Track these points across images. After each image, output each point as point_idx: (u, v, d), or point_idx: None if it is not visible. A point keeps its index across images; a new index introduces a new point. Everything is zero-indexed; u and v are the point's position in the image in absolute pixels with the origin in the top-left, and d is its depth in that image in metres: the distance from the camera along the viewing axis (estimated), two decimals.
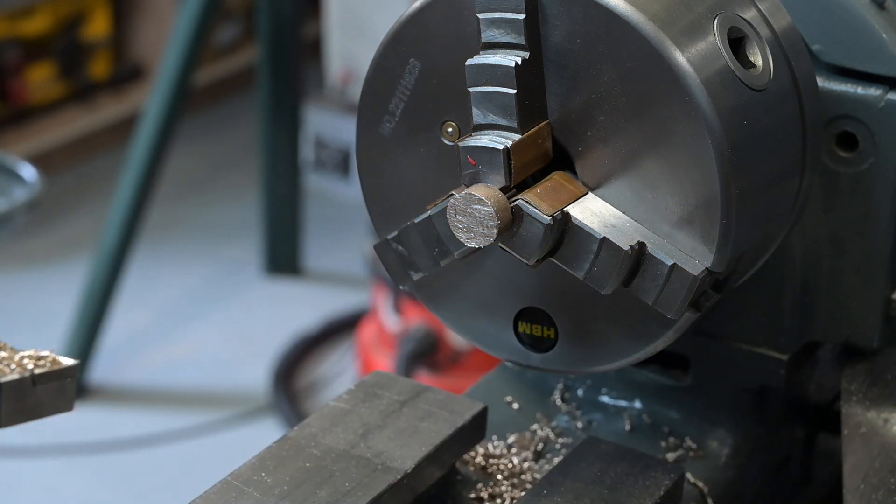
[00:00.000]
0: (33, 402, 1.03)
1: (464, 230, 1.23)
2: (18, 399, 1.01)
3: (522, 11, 1.23)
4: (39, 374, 1.02)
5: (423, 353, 4.00)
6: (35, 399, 1.02)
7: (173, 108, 4.49)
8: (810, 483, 1.64)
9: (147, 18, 6.11)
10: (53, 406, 1.03)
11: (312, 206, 5.36)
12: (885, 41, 1.36)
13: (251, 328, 4.83)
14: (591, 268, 1.24)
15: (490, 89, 1.25)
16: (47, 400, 1.03)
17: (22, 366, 1.02)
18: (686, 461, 1.47)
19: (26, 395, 1.02)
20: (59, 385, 1.04)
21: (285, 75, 4.89)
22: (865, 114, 1.37)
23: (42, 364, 1.03)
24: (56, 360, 1.04)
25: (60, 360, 1.04)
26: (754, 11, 1.29)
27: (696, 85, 1.20)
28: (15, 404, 1.01)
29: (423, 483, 1.34)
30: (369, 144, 1.36)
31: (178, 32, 4.51)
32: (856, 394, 1.46)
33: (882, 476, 1.42)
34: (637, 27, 1.21)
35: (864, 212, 1.40)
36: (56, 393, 1.04)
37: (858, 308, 1.43)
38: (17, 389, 1.01)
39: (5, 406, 1.01)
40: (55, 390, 1.03)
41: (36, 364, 1.03)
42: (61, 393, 1.04)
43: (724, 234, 1.23)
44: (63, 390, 1.04)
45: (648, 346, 1.31)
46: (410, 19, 1.30)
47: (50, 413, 1.04)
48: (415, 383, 1.44)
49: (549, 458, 1.47)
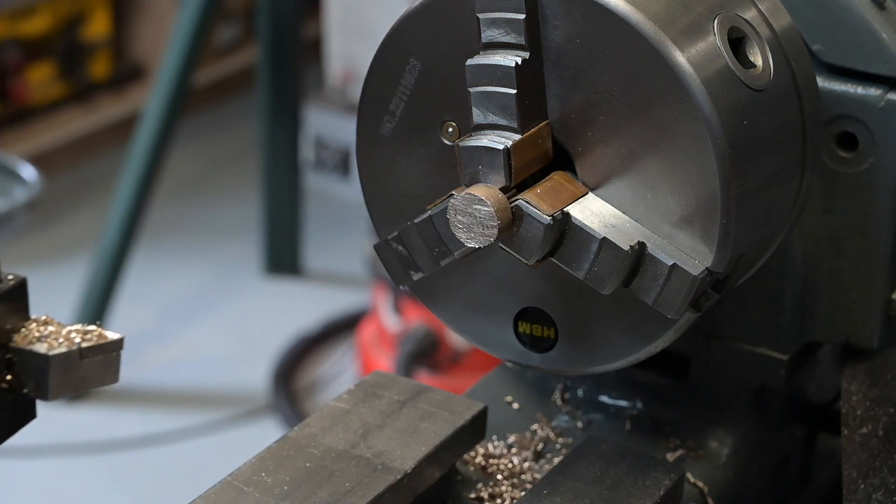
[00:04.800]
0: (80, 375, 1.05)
1: (464, 230, 1.23)
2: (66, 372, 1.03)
3: (522, 11, 1.23)
4: (86, 348, 1.04)
5: (423, 353, 4.00)
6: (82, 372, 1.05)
7: (173, 108, 4.49)
8: (810, 483, 1.64)
9: (147, 18, 6.11)
10: (99, 379, 1.06)
11: (312, 206, 5.35)
12: (885, 41, 1.36)
13: (251, 328, 4.83)
14: (591, 268, 1.24)
15: (490, 89, 1.25)
16: (93, 373, 1.05)
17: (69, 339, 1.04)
18: (686, 461, 1.47)
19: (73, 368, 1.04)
20: (104, 358, 1.05)
21: (285, 75, 4.88)
22: (865, 114, 1.37)
23: (89, 338, 1.05)
24: (102, 334, 1.06)
25: (106, 334, 1.06)
26: (754, 11, 1.29)
27: (696, 85, 1.20)
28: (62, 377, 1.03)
29: (423, 483, 1.34)
30: (369, 144, 1.36)
31: (178, 32, 4.51)
32: (856, 394, 1.46)
33: (882, 476, 1.42)
34: (637, 27, 1.21)
35: (864, 212, 1.40)
36: (102, 366, 1.06)
37: (858, 308, 1.43)
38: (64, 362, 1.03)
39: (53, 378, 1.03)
40: (101, 363, 1.05)
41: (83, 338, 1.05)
42: (107, 366, 1.06)
43: (724, 234, 1.23)
44: (109, 363, 1.06)
45: (648, 346, 1.31)
46: (410, 19, 1.30)
47: (96, 385, 1.05)
48: (415, 383, 1.44)
49: (549, 458, 1.47)
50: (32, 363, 1.03)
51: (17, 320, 1.04)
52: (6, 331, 1.03)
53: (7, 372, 1.04)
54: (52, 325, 1.05)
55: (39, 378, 1.03)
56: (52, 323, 1.05)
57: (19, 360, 1.03)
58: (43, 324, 1.05)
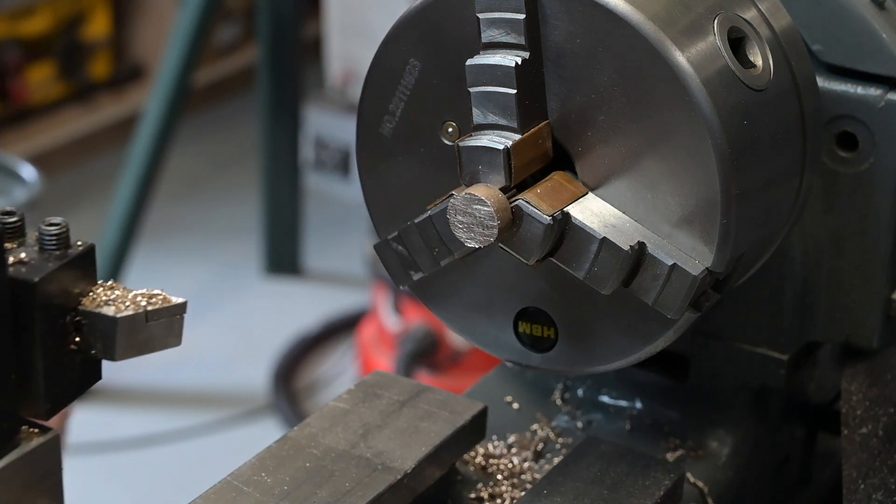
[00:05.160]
0: (145, 337, 1.09)
1: (464, 230, 1.23)
2: (132, 334, 1.08)
3: (522, 11, 1.23)
4: (152, 311, 1.08)
5: (423, 353, 4.00)
6: (147, 334, 1.09)
7: (173, 108, 4.48)
8: (810, 483, 1.64)
9: (147, 18, 6.11)
10: (163, 341, 1.10)
11: (312, 206, 5.35)
12: (885, 41, 1.36)
13: (251, 328, 4.83)
14: (591, 268, 1.24)
15: (490, 89, 1.25)
16: (158, 335, 1.09)
17: (136, 303, 1.08)
18: (686, 461, 1.47)
19: (139, 330, 1.08)
20: (168, 322, 1.09)
21: (285, 75, 4.88)
22: (865, 114, 1.37)
23: (154, 302, 1.09)
24: (166, 298, 1.09)
25: (171, 298, 1.10)
26: (754, 11, 1.29)
27: (696, 85, 1.20)
28: (129, 339, 1.07)
29: (423, 483, 1.34)
30: (369, 145, 1.36)
31: (178, 32, 4.51)
32: (856, 394, 1.46)
33: (882, 476, 1.42)
34: (637, 27, 1.21)
35: (864, 212, 1.40)
36: (166, 329, 1.10)
37: (858, 308, 1.43)
38: (131, 324, 1.07)
39: (120, 340, 1.07)
40: (165, 326, 1.09)
41: (148, 301, 1.09)
42: (171, 329, 1.10)
43: (724, 233, 1.23)
44: (172, 326, 1.10)
45: (649, 345, 1.31)
46: (410, 19, 1.30)
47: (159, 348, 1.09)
48: (415, 383, 1.44)
49: (549, 458, 1.47)
50: (100, 325, 1.07)
51: (86, 285, 1.08)
52: (75, 294, 1.07)
53: (76, 334, 1.07)
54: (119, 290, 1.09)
55: (107, 340, 1.07)
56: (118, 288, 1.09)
57: (88, 323, 1.07)
58: (109, 288, 1.09)
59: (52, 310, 1.06)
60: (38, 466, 1.09)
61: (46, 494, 1.10)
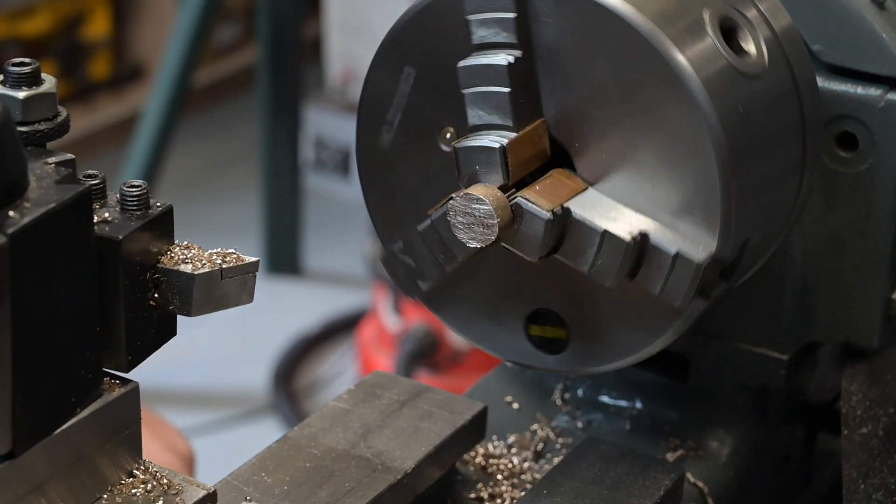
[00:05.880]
0: (220, 294, 1.13)
1: (465, 230, 1.23)
2: (208, 290, 1.12)
3: (513, 10, 1.23)
4: (226, 268, 1.12)
5: (423, 353, 4.00)
6: (222, 291, 1.13)
7: (173, 108, 4.48)
8: (810, 483, 1.64)
9: (147, 18, 6.11)
10: (236, 298, 1.14)
11: (312, 206, 5.35)
12: (885, 41, 1.36)
13: (251, 328, 4.83)
14: (594, 261, 1.24)
15: (484, 89, 1.25)
16: (232, 292, 1.14)
17: (211, 261, 1.12)
18: (686, 461, 1.47)
19: (215, 287, 1.12)
20: (242, 279, 1.14)
21: (285, 75, 4.88)
22: (865, 114, 1.37)
23: (229, 260, 1.13)
24: (240, 257, 1.14)
25: (244, 257, 1.14)
26: (754, 11, 1.29)
27: (690, 73, 1.20)
28: (205, 295, 1.12)
29: (423, 483, 1.34)
30: (369, 155, 1.36)
31: (178, 32, 4.50)
32: (856, 394, 1.45)
33: (882, 476, 1.42)
34: (629, 20, 1.21)
35: (864, 212, 1.40)
36: (239, 286, 1.14)
37: (858, 308, 1.43)
38: (207, 281, 1.12)
39: (197, 296, 1.12)
40: (239, 284, 1.14)
41: (223, 260, 1.13)
42: (244, 286, 1.14)
43: (726, 219, 1.22)
44: (245, 284, 1.14)
45: (659, 338, 1.30)
46: (403, 27, 1.30)
47: (233, 304, 1.14)
48: (415, 383, 1.44)
49: (549, 458, 1.47)
50: (178, 282, 1.11)
51: (164, 244, 1.12)
52: (154, 253, 1.12)
53: (155, 291, 1.12)
54: (194, 249, 1.13)
55: (184, 296, 1.12)
56: (194, 247, 1.14)
57: (166, 280, 1.12)
58: (185, 248, 1.14)
59: (133, 267, 1.10)
60: (119, 416, 1.13)
61: (125, 443, 1.14)
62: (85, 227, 1.06)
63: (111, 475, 1.13)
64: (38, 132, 1.16)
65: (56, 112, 1.19)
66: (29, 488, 1.06)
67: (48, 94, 1.17)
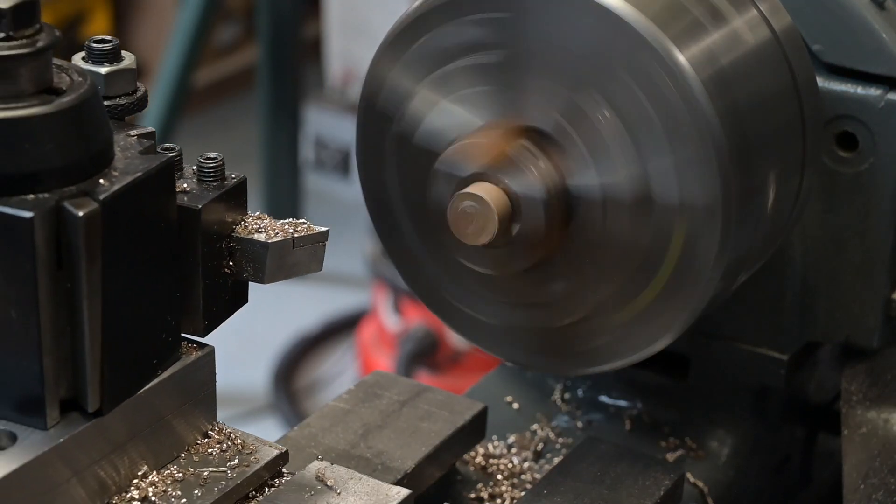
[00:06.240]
0: (291, 262, 1.18)
1: (465, 230, 1.24)
2: (281, 258, 1.17)
3: (506, 10, 1.24)
4: (298, 237, 1.17)
5: (423, 353, 4.00)
6: (293, 259, 1.18)
7: (173, 107, 4.49)
8: (810, 483, 1.64)
9: (147, 18, 6.11)
10: (307, 266, 1.19)
11: (312, 206, 5.35)
12: (885, 41, 1.36)
13: (251, 328, 4.82)
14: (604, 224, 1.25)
15: (478, 89, 1.26)
16: (303, 260, 1.18)
17: (284, 230, 1.17)
18: (686, 461, 1.47)
19: (287, 255, 1.17)
20: (312, 248, 1.18)
21: (285, 75, 4.89)
22: (865, 114, 1.37)
23: (300, 230, 1.17)
24: (311, 227, 1.18)
25: (314, 227, 1.18)
26: (754, 11, 1.29)
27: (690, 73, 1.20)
28: (278, 262, 1.17)
29: (423, 483, 1.34)
30: (369, 157, 1.37)
31: (178, 32, 4.51)
32: (856, 394, 1.46)
33: (882, 476, 1.42)
34: (629, 20, 1.21)
35: (864, 212, 1.40)
36: (310, 255, 1.18)
37: (858, 308, 1.43)
38: (280, 249, 1.16)
39: (270, 264, 1.16)
40: (309, 252, 1.18)
41: (295, 229, 1.17)
42: (314, 255, 1.19)
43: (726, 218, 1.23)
44: (315, 253, 1.19)
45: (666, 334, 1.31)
46: (404, 27, 1.30)
47: (303, 272, 1.19)
48: (415, 383, 1.44)
49: (549, 458, 1.47)
50: (252, 251, 1.16)
51: (238, 214, 1.17)
52: (229, 222, 1.16)
53: (230, 258, 1.16)
54: (266, 219, 1.18)
55: (258, 264, 1.16)
56: (266, 218, 1.18)
57: (240, 249, 1.16)
58: (258, 218, 1.18)
59: (211, 235, 1.15)
60: (196, 379, 1.17)
61: (201, 405, 1.17)
62: (168, 195, 1.10)
63: (188, 435, 1.17)
64: (119, 106, 1.21)
65: (135, 87, 1.23)
66: (111, 447, 1.09)
67: (128, 70, 1.21)
